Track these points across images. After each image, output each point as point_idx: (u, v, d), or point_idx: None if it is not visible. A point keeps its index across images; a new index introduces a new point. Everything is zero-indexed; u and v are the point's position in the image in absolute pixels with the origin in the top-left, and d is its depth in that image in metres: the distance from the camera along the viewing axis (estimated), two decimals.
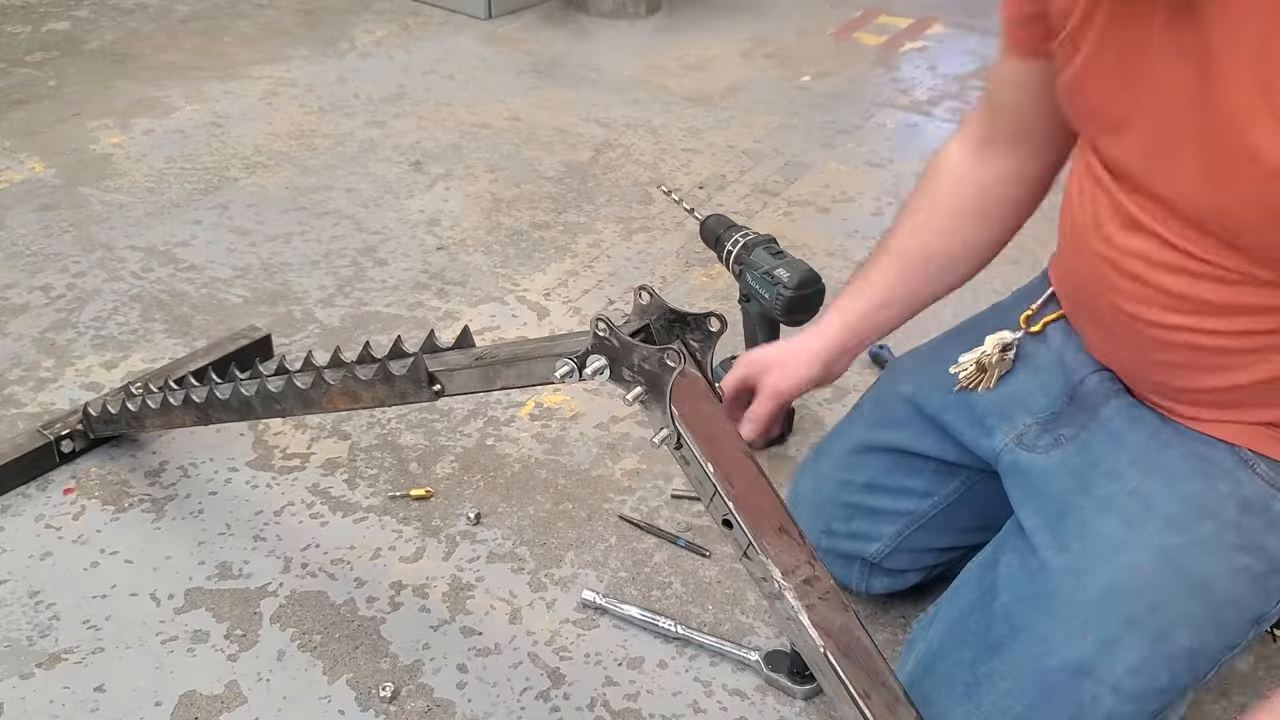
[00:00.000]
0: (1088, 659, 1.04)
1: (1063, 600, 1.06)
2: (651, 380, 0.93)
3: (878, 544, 1.32)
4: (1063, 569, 1.07)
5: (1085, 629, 1.04)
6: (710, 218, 1.70)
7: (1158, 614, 1.03)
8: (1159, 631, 1.03)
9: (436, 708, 1.28)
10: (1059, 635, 1.05)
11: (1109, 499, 1.07)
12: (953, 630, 1.16)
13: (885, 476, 1.30)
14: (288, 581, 1.44)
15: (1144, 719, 1.05)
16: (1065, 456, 1.13)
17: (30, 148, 2.52)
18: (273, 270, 2.11)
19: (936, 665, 1.13)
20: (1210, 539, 1.02)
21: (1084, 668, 1.04)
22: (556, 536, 1.52)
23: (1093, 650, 1.04)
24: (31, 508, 1.54)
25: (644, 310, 1.00)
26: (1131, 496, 1.06)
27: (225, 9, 3.38)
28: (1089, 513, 1.08)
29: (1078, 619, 1.05)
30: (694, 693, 1.31)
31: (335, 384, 1.20)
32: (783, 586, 0.97)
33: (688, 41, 3.28)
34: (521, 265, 2.15)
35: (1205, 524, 1.03)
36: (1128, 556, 1.04)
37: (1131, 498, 1.06)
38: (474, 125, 2.71)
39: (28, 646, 1.34)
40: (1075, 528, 1.08)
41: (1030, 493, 1.15)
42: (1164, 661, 1.03)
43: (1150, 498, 1.05)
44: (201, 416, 1.40)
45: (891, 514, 1.31)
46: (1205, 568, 1.03)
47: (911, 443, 1.28)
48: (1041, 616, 1.07)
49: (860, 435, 1.34)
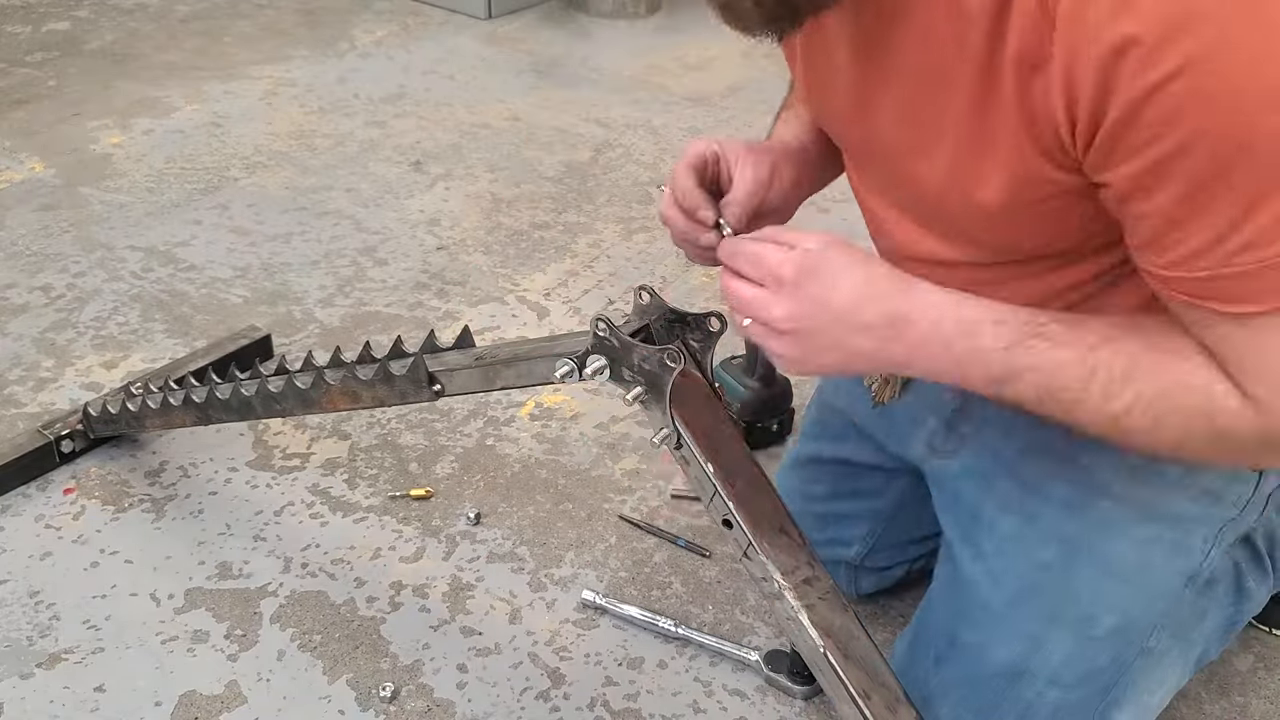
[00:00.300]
0: (1018, 660, 1.06)
1: (982, 608, 1.08)
2: (651, 380, 0.93)
3: (854, 547, 1.34)
4: (980, 576, 1.08)
5: (1009, 633, 1.06)
6: None
7: (1076, 603, 1.04)
8: (1081, 619, 1.04)
9: (436, 708, 1.28)
10: (988, 642, 1.07)
11: (1006, 496, 1.08)
12: (909, 646, 1.20)
13: (841, 484, 1.31)
14: (288, 581, 1.44)
15: (1098, 698, 1.07)
16: (968, 458, 1.13)
17: (30, 148, 2.52)
18: (273, 270, 2.11)
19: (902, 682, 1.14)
20: (1108, 517, 1.02)
21: (1017, 669, 1.06)
22: (556, 536, 1.52)
23: (1021, 651, 1.05)
24: (31, 508, 1.54)
25: (644, 310, 1.00)
26: (1025, 489, 1.06)
27: (225, 9, 3.38)
28: (993, 514, 1.09)
29: (1000, 624, 1.06)
30: (694, 693, 1.31)
31: (335, 384, 1.20)
32: (782, 586, 0.97)
33: (688, 41, 3.28)
34: (521, 265, 2.15)
35: (1101, 503, 1.03)
36: (1035, 552, 1.05)
37: (1026, 490, 1.06)
38: (474, 125, 2.71)
39: (28, 646, 1.34)
40: (985, 532, 1.09)
41: (946, 501, 1.16)
42: (1096, 645, 1.04)
43: (1042, 486, 1.05)
44: (201, 416, 1.40)
45: (858, 516, 1.32)
46: (1111, 548, 1.03)
47: (853, 454, 1.30)
48: (968, 626, 1.09)
49: (810, 449, 1.36)
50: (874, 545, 1.33)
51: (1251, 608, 1.20)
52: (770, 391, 1.67)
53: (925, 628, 1.17)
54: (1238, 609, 1.19)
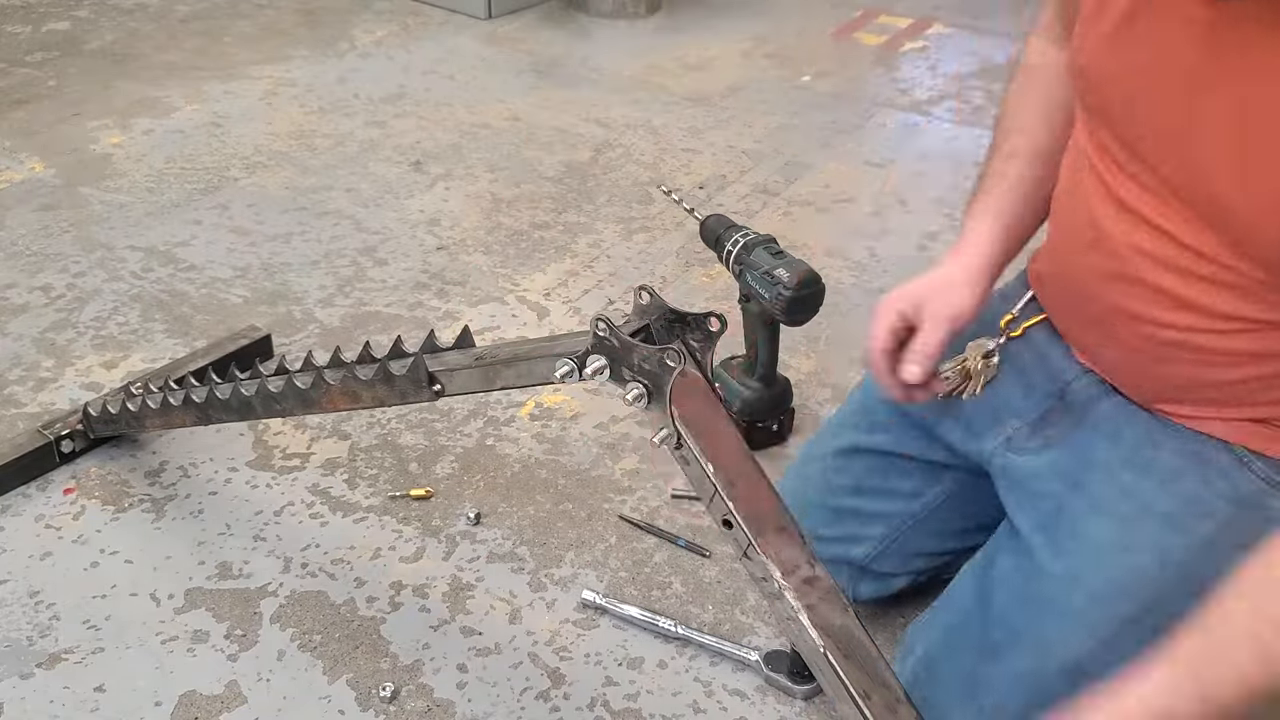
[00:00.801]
0: (1086, 660, 1.04)
1: (1060, 604, 1.06)
2: (652, 380, 0.93)
3: (865, 546, 1.32)
4: (1059, 572, 1.07)
5: (1084, 631, 1.05)
6: (710, 218, 1.70)
7: (1156, 612, 1.03)
8: (1158, 628, 1.03)
9: (436, 708, 1.28)
10: (1057, 638, 1.06)
11: (1103, 500, 1.07)
12: (951, 634, 1.17)
13: (872, 479, 1.29)
14: (288, 581, 1.44)
15: None
16: (1056, 458, 1.12)
17: (30, 148, 2.52)
18: (273, 270, 2.11)
19: (936, 668, 1.13)
20: (1208, 539, 1.02)
21: (1083, 668, 1.04)
22: (556, 536, 1.52)
23: (1091, 651, 1.04)
24: (31, 508, 1.54)
25: (644, 310, 1.00)
26: (1126, 496, 1.06)
27: (225, 9, 3.38)
28: (1083, 514, 1.08)
29: (1076, 622, 1.05)
30: (694, 693, 1.31)
31: (335, 384, 1.20)
32: (783, 586, 0.97)
33: (688, 41, 3.28)
34: (521, 265, 2.15)
35: (1203, 524, 1.03)
36: (1126, 558, 1.04)
37: (1126, 498, 1.06)
38: (474, 125, 2.71)
39: (28, 646, 1.34)
40: (1069, 529, 1.08)
41: (1023, 495, 1.15)
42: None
43: (1145, 498, 1.05)
44: (201, 416, 1.40)
45: (879, 516, 1.31)
46: (1205, 568, 1.02)
47: (898, 445, 1.28)
48: (1039, 620, 1.08)
49: (846, 438, 1.33)
50: (885, 548, 1.32)
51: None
52: (770, 391, 1.67)
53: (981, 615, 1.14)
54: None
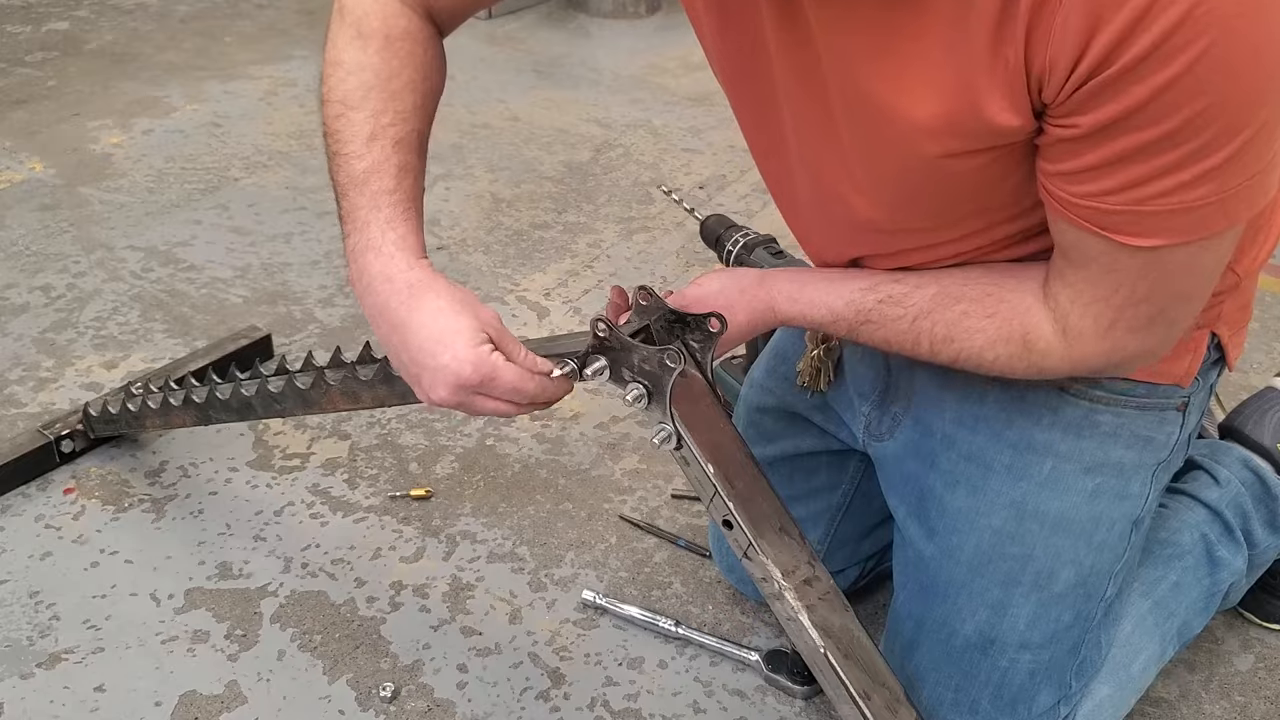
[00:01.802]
0: (986, 629, 1.08)
1: (945, 582, 1.10)
2: (652, 381, 0.93)
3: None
4: (935, 553, 1.10)
5: (974, 602, 1.08)
6: (710, 218, 1.70)
7: (1031, 563, 1.06)
8: (1039, 578, 1.06)
9: (436, 708, 1.28)
10: (954, 616, 1.09)
11: (951, 470, 1.09)
12: (886, 641, 1.21)
13: (788, 486, 1.27)
14: (288, 581, 1.44)
15: (1067, 655, 1.09)
16: (907, 436, 1.14)
17: (30, 148, 2.52)
18: (273, 270, 2.11)
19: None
20: (1052, 475, 1.05)
21: (987, 637, 1.08)
22: (556, 536, 1.52)
23: (987, 619, 1.08)
24: (31, 508, 1.54)
25: (644, 311, 1.00)
26: (968, 460, 1.08)
27: (225, 9, 3.38)
28: (939, 490, 1.10)
29: (963, 596, 1.08)
30: (694, 693, 1.31)
31: (335, 384, 1.20)
32: (783, 587, 0.97)
33: (688, 41, 3.27)
34: (521, 265, 2.15)
35: (1044, 463, 1.05)
36: (985, 520, 1.07)
37: (968, 461, 1.08)
38: (474, 125, 2.71)
39: (28, 646, 1.34)
40: (934, 508, 1.11)
41: (891, 482, 1.17)
42: (1058, 602, 1.07)
43: (983, 455, 1.07)
44: (201, 417, 1.40)
45: (809, 519, 1.31)
46: (1058, 504, 1.05)
47: (795, 446, 1.29)
48: (933, 603, 1.11)
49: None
50: (829, 548, 1.33)
51: (1226, 576, 1.23)
52: None
53: (894, 617, 1.19)
54: (1213, 579, 1.23)
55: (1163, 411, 1.05)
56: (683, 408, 0.94)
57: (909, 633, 1.15)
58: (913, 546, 1.13)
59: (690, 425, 0.94)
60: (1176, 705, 1.30)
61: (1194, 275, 0.85)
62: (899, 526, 1.16)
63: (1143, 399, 1.04)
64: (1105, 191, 0.78)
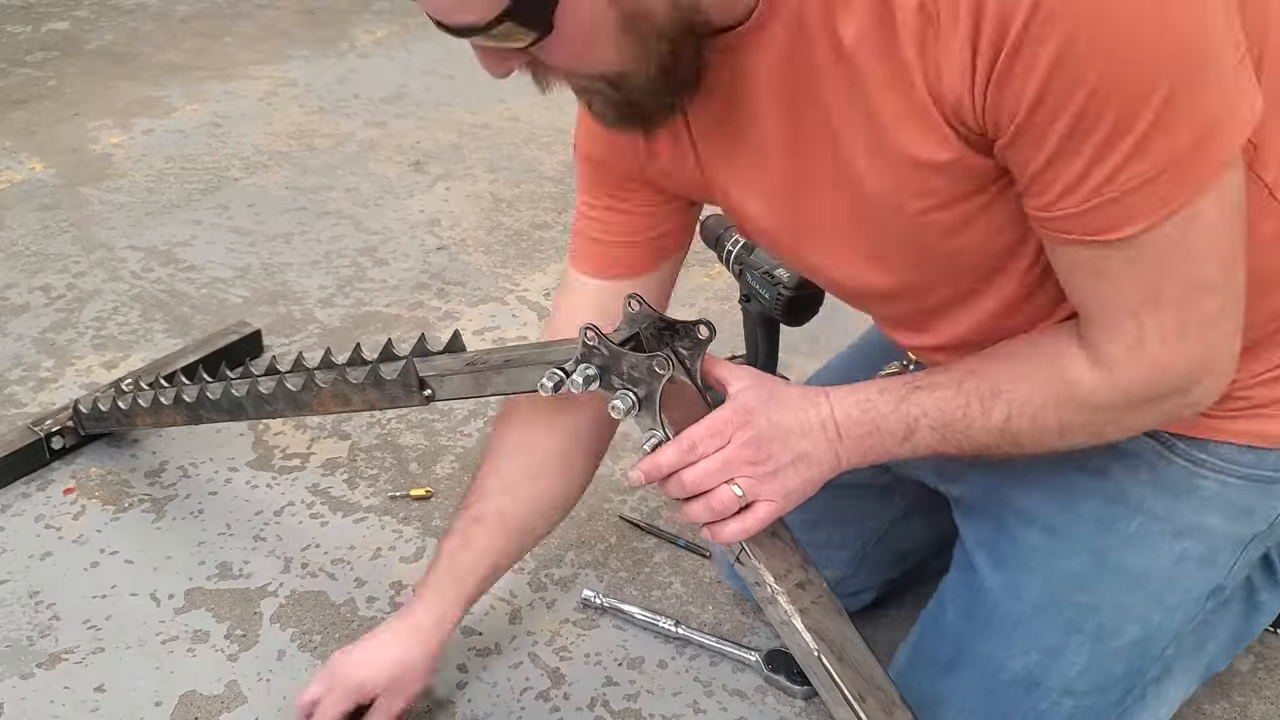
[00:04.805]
0: (1035, 670, 1.05)
1: (1003, 616, 1.07)
2: (641, 388, 0.93)
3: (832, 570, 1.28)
4: (998, 585, 1.08)
5: (1027, 641, 1.05)
6: (710, 218, 1.70)
7: (1098, 614, 1.04)
8: (1102, 630, 1.04)
9: (436, 708, 1.28)
10: (1004, 651, 1.07)
11: (1030, 508, 1.07)
12: (915, 650, 1.18)
13: (827, 512, 1.24)
14: (288, 581, 1.44)
15: (1111, 708, 1.07)
16: (986, 481, 1.11)
17: (30, 148, 2.53)
18: (273, 270, 2.11)
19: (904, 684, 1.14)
20: (1140, 533, 1.02)
21: (1033, 678, 1.06)
22: (556, 536, 1.52)
23: (1038, 661, 1.05)
24: (31, 508, 1.54)
25: (633, 318, 1.00)
26: (1054, 503, 1.06)
27: (225, 9, 3.38)
28: (1016, 525, 1.08)
29: (1019, 633, 1.06)
30: (694, 693, 1.31)
31: (326, 387, 1.19)
32: (776, 591, 0.97)
33: None
34: (522, 265, 2.15)
35: (1132, 519, 1.02)
36: (1059, 563, 1.04)
37: (1054, 504, 1.06)
38: (474, 125, 2.71)
39: (28, 646, 1.34)
40: (1007, 541, 1.08)
41: (965, 510, 1.15)
42: (1114, 655, 1.04)
43: (1072, 502, 1.05)
44: (192, 416, 1.40)
45: (843, 542, 1.30)
46: (1141, 561, 1.03)
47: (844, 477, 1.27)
48: (986, 634, 1.09)
49: None
50: (854, 570, 1.31)
51: (1262, 620, 1.20)
52: None
53: (935, 633, 1.16)
54: (1248, 622, 1.19)
55: (1270, 485, 1.01)
56: (673, 414, 0.94)
57: (948, 654, 1.12)
58: (977, 573, 1.10)
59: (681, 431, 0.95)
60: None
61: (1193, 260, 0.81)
62: (965, 549, 1.13)
63: (1249, 469, 1.00)
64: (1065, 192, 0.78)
